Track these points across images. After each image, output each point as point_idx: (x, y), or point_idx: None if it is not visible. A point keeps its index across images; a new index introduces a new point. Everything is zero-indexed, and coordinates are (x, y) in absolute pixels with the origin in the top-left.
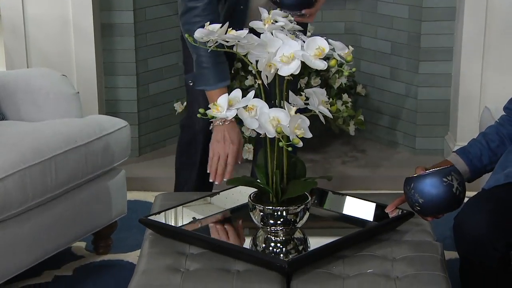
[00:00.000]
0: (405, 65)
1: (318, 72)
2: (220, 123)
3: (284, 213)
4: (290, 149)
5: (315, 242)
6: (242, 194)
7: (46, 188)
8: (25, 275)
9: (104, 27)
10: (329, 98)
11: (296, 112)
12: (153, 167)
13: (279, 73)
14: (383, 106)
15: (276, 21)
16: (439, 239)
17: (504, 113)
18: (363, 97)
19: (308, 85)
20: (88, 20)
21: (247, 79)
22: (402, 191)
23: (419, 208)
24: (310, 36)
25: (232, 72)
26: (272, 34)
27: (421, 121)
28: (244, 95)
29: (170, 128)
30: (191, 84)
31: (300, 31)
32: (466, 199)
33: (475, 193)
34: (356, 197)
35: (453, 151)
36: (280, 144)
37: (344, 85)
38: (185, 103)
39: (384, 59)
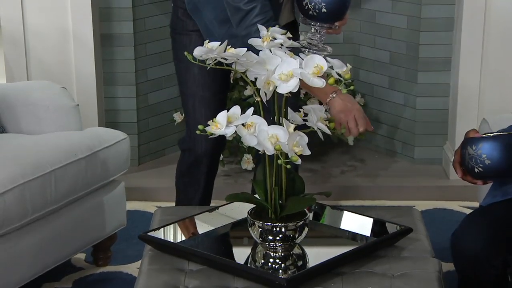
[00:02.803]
0: (403, 75)
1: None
2: (334, 95)
3: (283, 229)
4: (288, 166)
5: (314, 258)
6: (241, 209)
7: (45, 202)
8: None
9: (104, 37)
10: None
11: (295, 129)
12: (152, 177)
13: (277, 91)
14: (382, 116)
15: (275, 38)
16: (438, 249)
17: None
18: (362, 106)
19: (307, 95)
20: (88, 31)
21: (246, 89)
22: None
23: (481, 170)
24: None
25: (232, 81)
26: (271, 52)
27: (420, 131)
28: (243, 105)
29: (169, 137)
30: None
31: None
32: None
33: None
34: (355, 212)
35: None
36: (279, 161)
37: None
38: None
39: (383, 69)
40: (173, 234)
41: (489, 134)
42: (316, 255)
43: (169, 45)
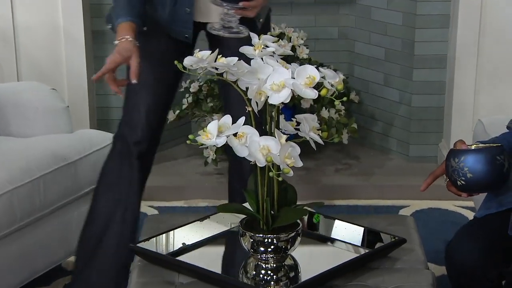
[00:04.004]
0: (399, 72)
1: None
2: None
3: (275, 241)
4: (280, 179)
5: (306, 269)
6: (233, 218)
7: (34, 208)
8: None
9: (96, 34)
10: (322, 107)
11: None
12: None
13: (269, 101)
14: (377, 113)
15: (267, 46)
16: (432, 251)
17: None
18: (356, 104)
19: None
20: (79, 27)
21: None
22: (392, 215)
23: (463, 183)
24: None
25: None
26: (263, 60)
27: (415, 129)
28: None
29: (162, 134)
30: (110, 27)
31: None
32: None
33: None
34: (347, 221)
35: (477, 141)
36: (271, 174)
37: (337, 93)
38: (177, 112)
39: (378, 66)
40: (163, 245)
41: (473, 146)
42: (309, 266)
43: None
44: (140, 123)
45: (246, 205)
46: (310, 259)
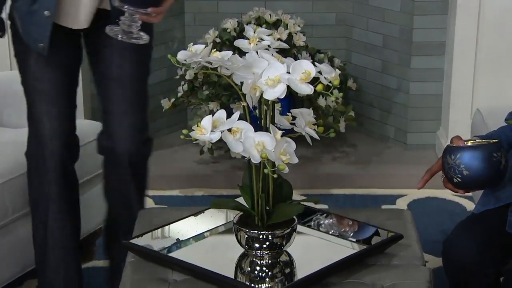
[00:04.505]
0: (397, 59)
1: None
2: None
3: (270, 237)
4: (275, 175)
5: (302, 265)
6: (228, 212)
7: (26, 201)
8: (5, 285)
9: None
10: (319, 95)
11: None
12: None
13: (264, 96)
14: (375, 100)
15: (262, 40)
16: (429, 241)
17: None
18: (354, 91)
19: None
20: None
21: None
22: (389, 209)
23: (459, 180)
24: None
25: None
26: (258, 54)
27: (413, 116)
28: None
29: (157, 122)
30: None
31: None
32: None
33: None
34: (343, 217)
35: (474, 136)
36: (265, 171)
37: None
38: (172, 100)
39: (375, 52)
40: (157, 241)
41: (470, 143)
42: (304, 262)
43: (157, 27)
44: (48, 134)
45: (241, 200)
46: (306, 255)
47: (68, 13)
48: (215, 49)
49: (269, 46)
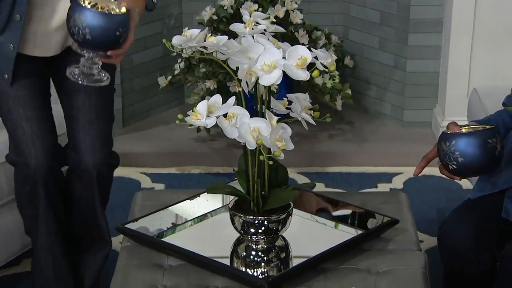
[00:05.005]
0: (394, 36)
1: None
2: None
3: (266, 222)
4: (271, 162)
5: (296, 249)
6: (225, 196)
7: None
8: (3, 265)
9: None
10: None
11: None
12: (137, 140)
13: (260, 82)
14: (372, 77)
15: (258, 23)
16: (424, 219)
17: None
18: (351, 68)
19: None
20: None
21: None
22: (384, 192)
23: (455, 167)
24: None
25: None
26: (254, 38)
27: (410, 94)
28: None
29: (155, 98)
30: None
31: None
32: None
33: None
34: (339, 201)
35: (471, 121)
36: (261, 157)
37: None
38: (169, 77)
39: (373, 29)
40: (152, 225)
41: (465, 129)
42: (299, 246)
43: None
44: (29, 141)
45: (236, 184)
46: (301, 239)
47: (40, 45)
48: (212, 26)
49: (265, 30)
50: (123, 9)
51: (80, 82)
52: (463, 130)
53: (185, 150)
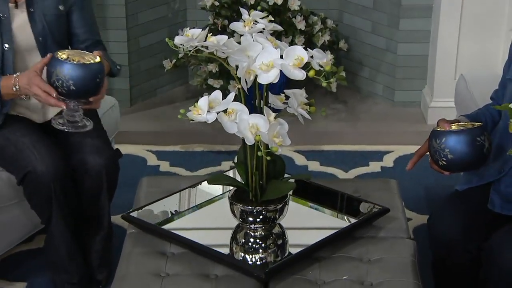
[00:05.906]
0: (386, 20)
1: (302, 31)
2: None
3: (264, 212)
4: (269, 158)
5: (293, 237)
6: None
7: None
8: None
9: None
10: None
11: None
12: (144, 119)
13: (258, 81)
14: (365, 59)
15: (257, 22)
16: (413, 198)
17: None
18: (345, 51)
19: (292, 44)
20: None
21: None
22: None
23: (445, 163)
24: None
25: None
26: (252, 37)
27: (400, 75)
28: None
29: (160, 78)
30: None
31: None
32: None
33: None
34: (332, 189)
35: (461, 115)
36: (259, 153)
37: (327, 42)
38: (174, 61)
39: (366, 13)
40: (156, 213)
41: (454, 126)
42: (295, 234)
43: None
44: (30, 147)
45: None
46: (297, 226)
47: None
48: (214, 11)
49: (263, 29)
50: (97, 59)
51: (66, 130)
52: (453, 127)
53: (189, 128)
